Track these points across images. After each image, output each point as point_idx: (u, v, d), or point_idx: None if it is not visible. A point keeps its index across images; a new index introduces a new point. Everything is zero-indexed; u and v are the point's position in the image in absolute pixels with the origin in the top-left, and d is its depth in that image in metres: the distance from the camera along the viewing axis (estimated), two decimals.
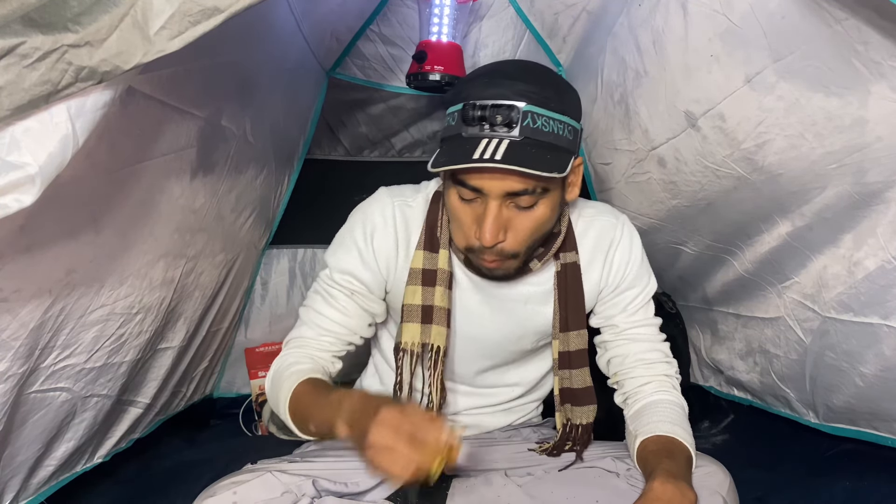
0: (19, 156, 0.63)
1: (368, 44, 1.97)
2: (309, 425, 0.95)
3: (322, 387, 0.99)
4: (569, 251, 1.09)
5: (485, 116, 0.87)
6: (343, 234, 1.12)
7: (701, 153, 1.32)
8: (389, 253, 1.08)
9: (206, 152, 1.28)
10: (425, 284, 1.05)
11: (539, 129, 0.88)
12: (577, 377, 1.10)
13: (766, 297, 1.45)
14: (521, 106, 0.87)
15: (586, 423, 1.10)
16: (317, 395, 0.96)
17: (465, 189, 0.92)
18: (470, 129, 0.89)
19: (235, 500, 0.88)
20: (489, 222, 0.91)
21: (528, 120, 0.87)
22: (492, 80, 0.90)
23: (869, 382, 1.18)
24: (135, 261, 1.16)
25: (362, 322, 1.11)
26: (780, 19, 0.97)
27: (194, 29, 0.68)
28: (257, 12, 0.77)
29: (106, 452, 1.36)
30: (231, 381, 2.15)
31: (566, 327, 1.09)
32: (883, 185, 1.03)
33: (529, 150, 0.87)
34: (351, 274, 1.08)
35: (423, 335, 1.06)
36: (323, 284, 1.11)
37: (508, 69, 0.95)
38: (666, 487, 0.87)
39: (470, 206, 0.95)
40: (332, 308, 1.09)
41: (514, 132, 0.87)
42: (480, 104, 0.88)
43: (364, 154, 2.22)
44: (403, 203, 1.09)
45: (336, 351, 1.11)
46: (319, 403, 0.94)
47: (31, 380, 1.00)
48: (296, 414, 0.99)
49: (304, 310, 1.13)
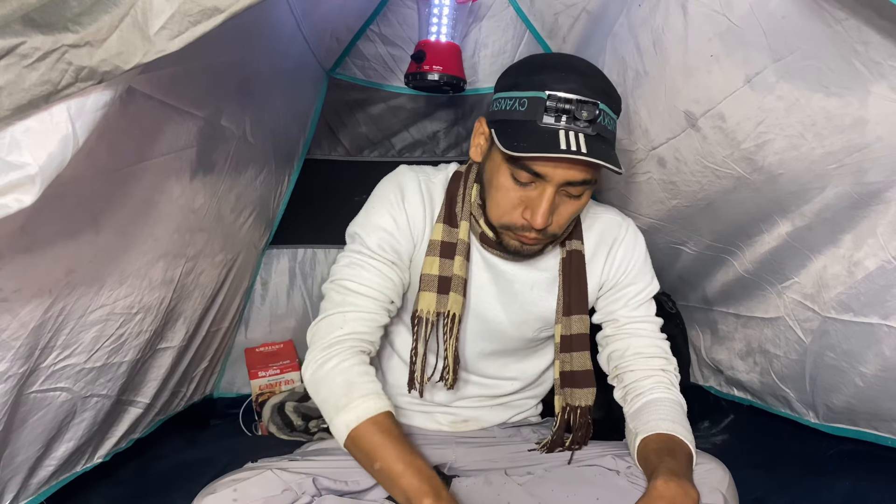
0: (19, 156, 0.63)
1: (368, 44, 1.97)
2: (374, 463, 0.92)
3: (404, 437, 0.95)
4: (574, 239, 1.13)
5: (569, 110, 0.91)
6: (373, 202, 1.11)
7: (701, 153, 1.32)
8: (419, 220, 1.10)
9: (205, 152, 1.28)
10: (443, 256, 1.08)
11: (606, 127, 0.94)
12: (577, 360, 1.12)
13: (766, 297, 1.45)
14: (599, 104, 0.92)
15: (584, 405, 1.12)
16: (400, 448, 0.92)
17: (525, 173, 0.95)
18: (548, 119, 0.91)
19: (236, 498, 0.88)
20: (544, 206, 0.95)
21: (600, 117, 0.93)
22: (568, 74, 0.93)
23: (869, 382, 1.18)
24: (135, 261, 1.16)
25: (399, 290, 1.10)
26: (780, 19, 0.97)
27: (194, 29, 0.68)
28: (257, 12, 0.77)
29: (106, 452, 1.36)
30: (231, 381, 2.15)
31: (569, 311, 1.12)
32: (883, 185, 1.03)
33: (601, 146, 0.92)
34: (387, 241, 1.07)
35: (439, 304, 1.07)
36: (356, 256, 1.07)
37: (577, 63, 0.98)
38: (669, 486, 0.87)
39: (523, 189, 0.98)
40: (375, 276, 1.06)
41: (590, 128, 0.91)
42: (565, 97, 0.91)
43: (364, 154, 2.22)
44: (427, 178, 1.14)
45: (380, 323, 1.07)
46: (404, 459, 0.90)
47: (31, 380, 1.00)
48: (361, 444, 0.94)
49: (337, 283, 1.07)
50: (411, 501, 0.86)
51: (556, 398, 1.15)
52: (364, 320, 1.05)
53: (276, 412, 1.85)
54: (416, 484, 0.87)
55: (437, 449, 1.14)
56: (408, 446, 0.93)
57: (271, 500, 0.90)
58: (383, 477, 0.92)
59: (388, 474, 0.90)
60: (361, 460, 0.95)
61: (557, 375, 1.14)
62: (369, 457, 0.93)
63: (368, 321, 1.05)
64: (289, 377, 2.02)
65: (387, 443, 0.92)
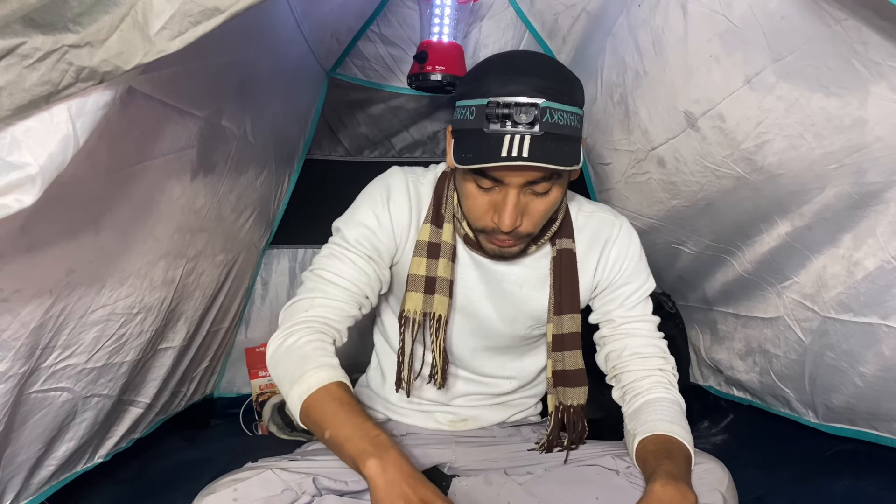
0: (20, 156, 0.64)
1: (369, 44, 1.97)
2: (324, 432, 0.91)
3: (355, 404, 0.94)
4: (565, 238, 1.13)
5: (509, 115, 0.90)
6: (360, 201, 1.13)
7: (700, 153, 1.32)
8: (404, 222, 1.11)
9: (206, 152, 1.28)
10: (430, 257, 1.09)
11: (556, 123, 0.92)
12: (569, 359, 1.13)
13: (765, 297, 1.45)
14: (541, 103, 0.90)
15: (577, 404, 1.12)
16: (349, 412, 0.91)
17: (484, 179, 0.96)
18: (492, 126, 0.91)
19: (236, 498, 0.88)
20: (509, 210, 0.95)
21: (546, 115, 0.91)
22: (510, 77, 0.93)
23: (868, 382, 1.18)
24: (135, 261, 1.17)
25: (374, 285, 1.10)
26: (780, 20, 0.97)
27: (195, 29, 0.68)
28: (257, 13, 0.77)
29: (106, 452, 1.36)
30: (231, 380, 2.15)
31: (560, 310, 1.12)
32: (882, 185, 1.04)
33: (550, 144, 0.91)
34: (366, 237, 1.09)
35: (426, 305, 1.08)
36: (335, 248, 1.09)
37: (521, 63, 0.97)
38: (667, 489, 0.87)
39: (487, 194, 0.98)
40: (349, 268, 1.07)
41: (535, 128, 0.90)
42: (504, 102, 0.91)
43: (364, 154, 2.22)
44: (416, 179, 1.14)
45: (348, 314, 1.07)
46: (351, 423, 0.89)
47: (31, 380, 1.00)
48: (312, 414, 0.94)
49: (313, 272, 1.09)
50: (357, 463, 0.85)
51: (549, 397, 1.16)
52: (331, 307, 1.05)
53: (276, 412, 1.85)
54: (361, 445, 0.86)
55: (437, 448, 1.14)
56: (357, 411, 0.91)
57: (271, 499, 0.90)
58: (333, 444, 0.90)
59: (336, 440, 0.89)
60: (315, 431, 0.94)
61: (550, 375, 1.14)
62: (320, 425, 0.92)
63: (335, 309, 1.06)
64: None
65: (337, 410, 0.91)
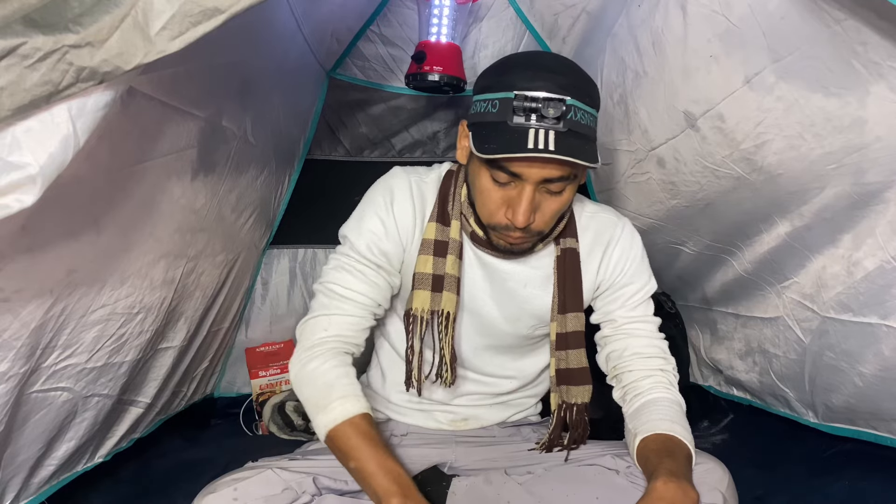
0: (20, 156, 0.64)
1: (369, 44, 1.97)
2: (349, 462, 0.95)
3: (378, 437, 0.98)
4: (569, 237, 1.13)
5: (536, 108, 0.91)
6: (364, 206, 1.13)
7: (700, 153, 1.32)
8: (408, 223, 1.11)
9: (206, 152, 1.28)
10: (437, 255, 1.09)
11: (578, 122, 0.93)
12: (573, 357, 1.13)
13: (765, 296, 1.45)
14: (567, 100, 0.92)
15: (581, 402, 1.12)
16: (373, 448, 0.95)
17: (502, 173, 0.96)
18: (517, 119, 0.92)
19: (236, 497, 0.89)
20: (524, 205, 0.96)
21: (571, 113, 0.92)
22: (536, 73, 0.94)
23: (868, 382, 1.18)
24: (136, 261, 1.17)
25: (386, 294, 1.13)
26: (779, 20, 0.97)
27: (195, 29, 0.68)
28: (258, 13, 0.77)
29: (107, 452, 1.37)
30: (232, 380, 2.15)
31: (564, 309, 1.13)
32: (882, 185, 1.04)
33: (573, 142, 0.92)
34: (375, 245, 1.09)
35: (433, 302, 1.08)
36: (344, 259, 1.10)
37: (546, 61, 0.99)
38: (668, 487, 0.87)
39: (503, 189, 0.99)
40: (360, 282, 1.09)
41: (559, 124, 0.91)
42: (532, 96, 0.91)
43: (364, 154, 2.22)
44: (419, 179, 1.15)
45: (364, 326, 1.10)
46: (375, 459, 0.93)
47: (32, 380, 1.00)
48: (338, 443, 0.97)
49: (325, 286, 1.10)
50: (380, 500, 0.89)
51: (552, 396, 1.16)
52: (348, 324, 1.08)
53: (276, 412, 1.85)
54: (385, 484, 0.90)
55: (437, 448, 1.14)
56: (381, 448, 0.95)
57: (272, 499, 0.90)
58: (357, 475, 0.95)
59: (361, 473, 0.93)
60: (339, 458, 0.98)
61: (553, 373, 1.14)
62: (346, 456, 0.96)
63: (353, 325, 1.09)
64: (289, 377, 2.02)
65: (361, 444, 0.95)
